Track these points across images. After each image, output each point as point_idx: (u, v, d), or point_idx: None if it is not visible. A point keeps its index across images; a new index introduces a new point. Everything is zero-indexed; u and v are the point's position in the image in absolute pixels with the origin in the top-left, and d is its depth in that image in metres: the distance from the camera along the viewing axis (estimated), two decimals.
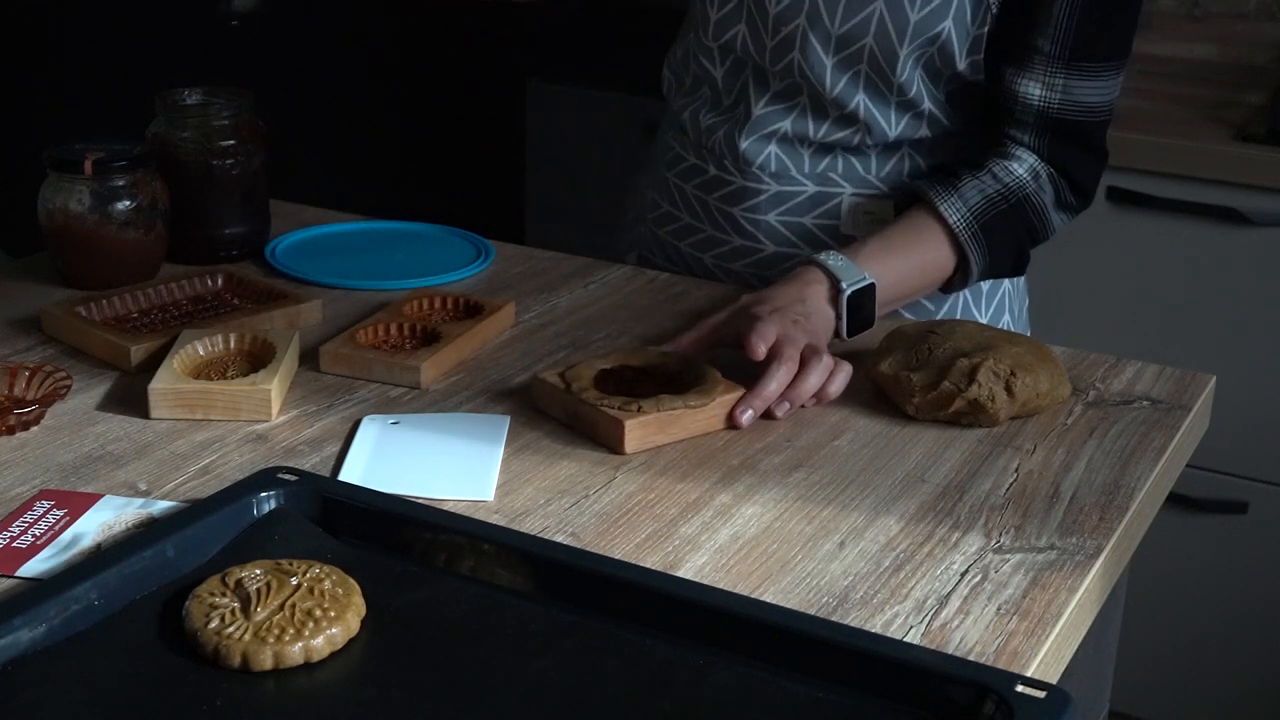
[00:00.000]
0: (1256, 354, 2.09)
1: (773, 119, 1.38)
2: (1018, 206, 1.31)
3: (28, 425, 1.09)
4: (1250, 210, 2.03)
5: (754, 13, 1.34)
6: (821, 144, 1.38)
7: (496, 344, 1.27)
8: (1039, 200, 1.32)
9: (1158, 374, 1.25)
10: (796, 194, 1.39)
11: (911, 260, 1.29)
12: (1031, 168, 1.32)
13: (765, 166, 1.39)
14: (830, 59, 1.32)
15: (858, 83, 1.33)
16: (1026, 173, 1.32)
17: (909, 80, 1.32)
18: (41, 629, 0.80)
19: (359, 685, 0.79)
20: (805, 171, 1.39)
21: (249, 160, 1.44)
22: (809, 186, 1.39)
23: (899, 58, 1.31)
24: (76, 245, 1.34)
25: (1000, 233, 1.31)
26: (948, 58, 1.32)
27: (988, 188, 1.31)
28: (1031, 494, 1.04)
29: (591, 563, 0.87)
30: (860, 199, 1.38)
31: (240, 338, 1.20)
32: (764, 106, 1.38)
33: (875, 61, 1.31)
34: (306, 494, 0.94)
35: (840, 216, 1.39)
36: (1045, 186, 1.33)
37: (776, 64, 1.35)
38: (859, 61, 1.32)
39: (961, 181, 1.31)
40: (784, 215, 1.40)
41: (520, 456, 1.07)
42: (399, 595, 0.86)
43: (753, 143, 1.39)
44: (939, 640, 0.86)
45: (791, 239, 1.40)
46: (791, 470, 1.06)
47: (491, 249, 1.48)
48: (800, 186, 1.39)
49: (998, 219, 1.31)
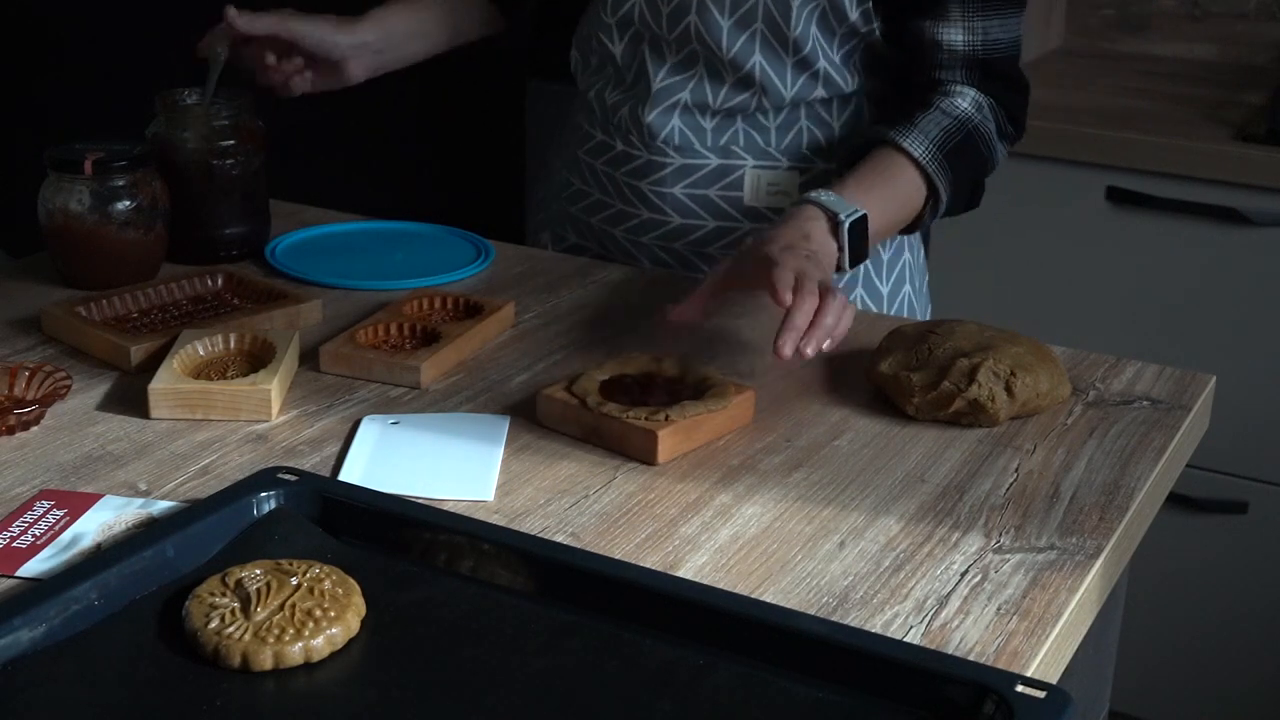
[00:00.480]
0: (1256, 354, 2.09)
1: (673, 90, 1.42)
2: (970, 136, 1.37)
3: (28, 425, 1.09)
4: (1250, 210, 2.03)
5: None
6: (722, 111, 1.42)
7: (496, 344, 1.27)
8: (986, 130, 1.38)
9: (1158, 374, 1.25)
10: (700, 167, 1.44)
11: (889, 193, 1.32)
12: (974, 100, 1.38)
13: (669, 140, 1.43)
14: (727, 20, 1.37)
15: (754, 42, 1.38)
16: (970, 105, 1.37)
17: (804, 35, 1.37)
18: (41, 629, 0.80)
19: (359, 685, 0.79)
20: (708, 145, 1.43)
21: (249, 160, 1.44)
22: (712, 159, 1.44)
23: (792, 9, 1.35)
24: (76, 245, 1.34)
25: (960, 162, 1.36)
26: (838, 8, 1.36)
27: (942, 120, 1.36)
28: (1031, 494, 1.04)
29: (591, 563, 0.87)
30: (762, 170, 1.43)
31: (240, 338, 1.20)
32: (663, 79, 1.42)
33: (770, 18, 1.36)
34: (306, 494, 0.94)
35: (743, 188, 1.43)
36: (989, 116, 1.38)
37: (673, 30, 1.39)
38: (754, 20, 1.37)
39: (916, 118, 1.35)
40: (689, 188, 1.44)
41: (520, 456, 1.07)
42: (399, 595, 0.86)
43: (656, 116, 1.43)
44: (939, 640, 0.86)
45: (697, 211, 1.45)
46: (791, 470, 1.06)
47: (491, 249, 1.48)
48: (704, 160, 1.44)
49: (956, 149, 1.35)
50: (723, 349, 1.26)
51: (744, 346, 1.27)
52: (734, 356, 1.25)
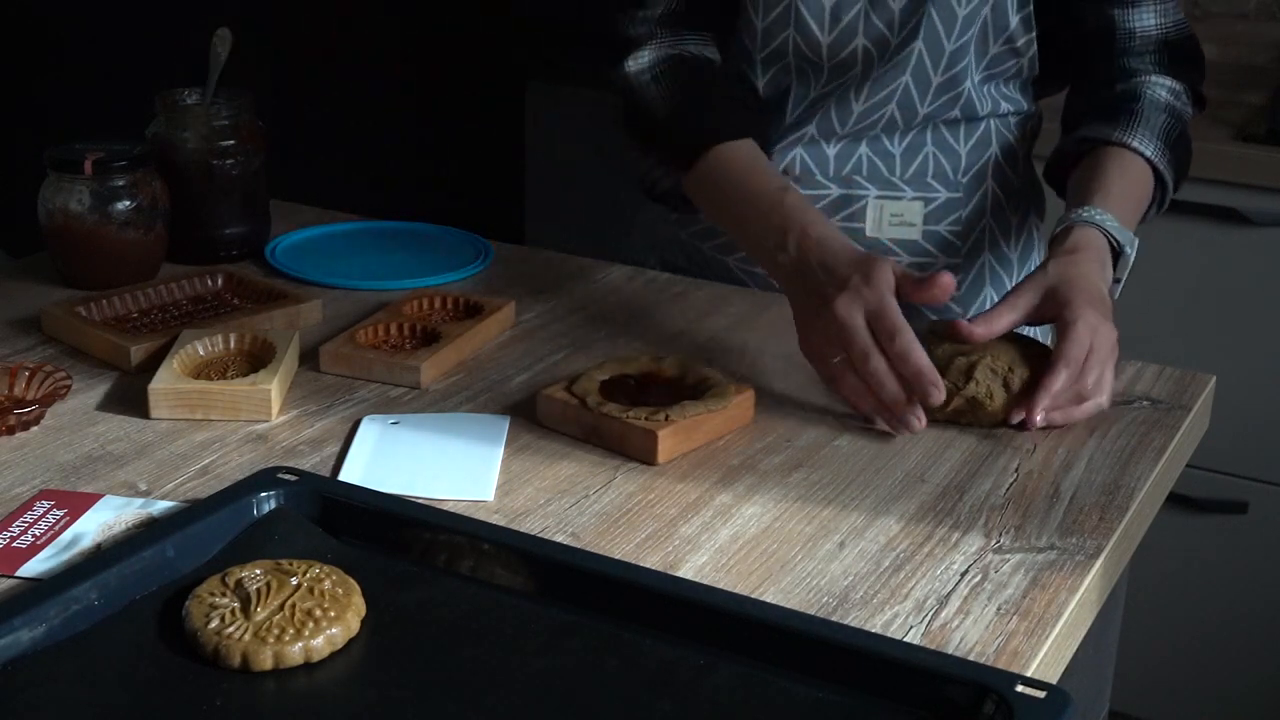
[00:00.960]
0: (1256, 354, 2.09)
1: (802, 122, 1.37)
2: (1183, 128, 1.34)
3: (28, 425, 1.09)
4: (1250, 210, 2.03)
5: (803, 12, 1.32)
6: (848, 135, 1.37)
7: (496, 344, 1.27)
8: (1187, 116, 1.36)
9: (1158, 374, 1.25)
10: (820, 197, 1.39)
11: (1139, 201, 1.30)
12: (1170, 88, 1.35)
13: (789, 170, 1.39)
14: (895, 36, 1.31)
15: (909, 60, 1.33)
16: (1169, 95, 1.35)
17: (960, 51, 1.33)
18: (41, 629, 0.80)
19: (359, 685, 0.79)
20: (830, 174, 1.39)
21: (249, 160, 1.44)
22: (833, 190, 1.39)
23: (958, 22, 1.32)
24: (76, 245, 1.34)
25: (1179, 154, 1.33)
26: (1000, 15, 1.33)
27: (1158, 114, 1.32)
28: (1031, 494, 1.04)
29: (591, 563, 0.87)
30: (885, 200, 1.38)
31: (240, 338, 1.20)
32: (799, 111, 1.37)
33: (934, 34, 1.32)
34: (306, 494, 0.94)
35: (865, 219, 1.39)
36: (1185, 103, 1.36)
37: (834, 58, 1.33)
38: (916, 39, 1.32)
39: (1135, 115, 1.32)
40: (845, 221, 1.39)
41: (520, 456, 1.07)
42: (399, 595, 0.86)
43: (779, 151, 1.38)
44: (939, 640, 0.86)
45: None
46: (791, 470, 1.06)
47: (491, 249, 1.48)
48: (824, 190, 1.39)
49: (1177, 141, 1.33)
50: (723, 349, 1.26)
51: (744, 347, 1.27)
52: (734, 357, 1.25)
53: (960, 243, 1.42)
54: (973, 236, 1.42)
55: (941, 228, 1.41)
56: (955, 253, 1.42)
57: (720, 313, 1.35)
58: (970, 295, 1.44)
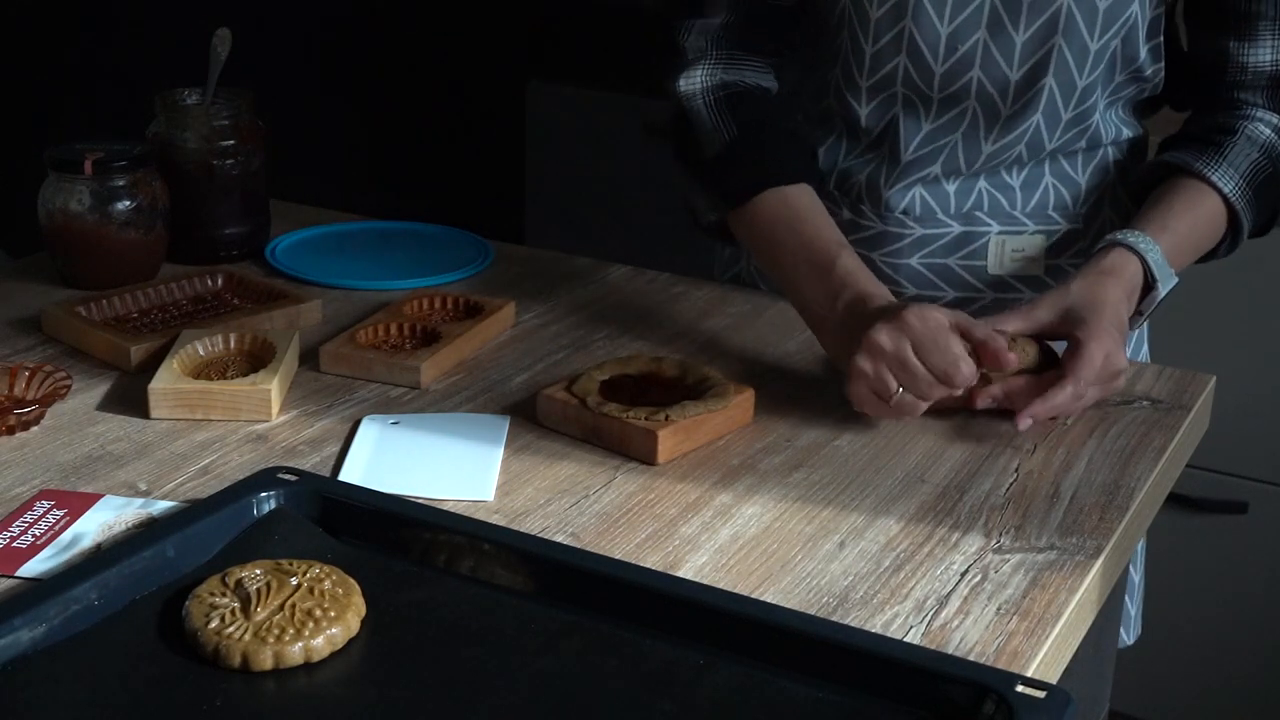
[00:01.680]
0: (1256, 354, 2.09)
1: (924, 163, 1.31)
2: (1276, 167, 1.28)
3: (28, 425, 1.09)
4: None
5: (918, 39, 1.25)
6: (967, 172, 1.31)
7: (496, 344, 1.27)
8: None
9: (1158, 374, 1.25)
10: (941, 236, 1.33)
11: (1198, 237, 1.26)
12: (1276, 126, 1.29)
13: (910, 211, 1.32)
14: (1015, 72, 1.25)
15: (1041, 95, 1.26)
16: (1272, 132, 1.29)
17: (1092, 84, 1.27)
18: (41, 629, 0.80)
19: (359, 685, 0.79)
20: (950, 212, 1.32)
21: (249, 160, 1.44)
22: (954, 227, 1.32)
23: (1090, 54, 1.25)
24: (76, 245, 1.34)
25: (1266, 195, 1.28)
26: (1132, 51, 1.27)
27: (1250, 151, 1.27)
28: (1031, 494, 1.04)
29: (591, 563, 0.87)
30: (1007, 236, 1.33)
31: (240, 338, 1.20)
32: (916, 150, 1.30)
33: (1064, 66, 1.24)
34: (306, 494, 0.94)
35: (987, 256, 1.33)
36: None
37: (945, 89, 1.26)
38: (1045, 71, 1.25)
39: (1224, 148, 1.27)
40: (926, 258, 1.33)
41: (520, 456, 1.07)
42: (399, 595, 0.86)
43: (897, 191, 1.32)
44: (939, 640, 0.86)
45: (935, 281, 1.34)
46: (791, 470, 1.06)
47: (491, 249, 1.48)
48: (945, 228, 1.33)
49: (1263, 184, 1.27)
50: (723, 349, 1.26)
51: (744, 347, 1.27)
52: (734, 357, 1.25)
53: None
54: None
55: (1063, 260, 1.34)
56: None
57: (720, 313, 1.35)
58: None
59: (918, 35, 1.24)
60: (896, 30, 1.25)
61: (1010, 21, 1.23)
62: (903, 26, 1.24)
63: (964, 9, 1.23)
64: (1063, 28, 1.23)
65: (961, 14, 1.23)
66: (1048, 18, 1.22)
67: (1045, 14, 1.22)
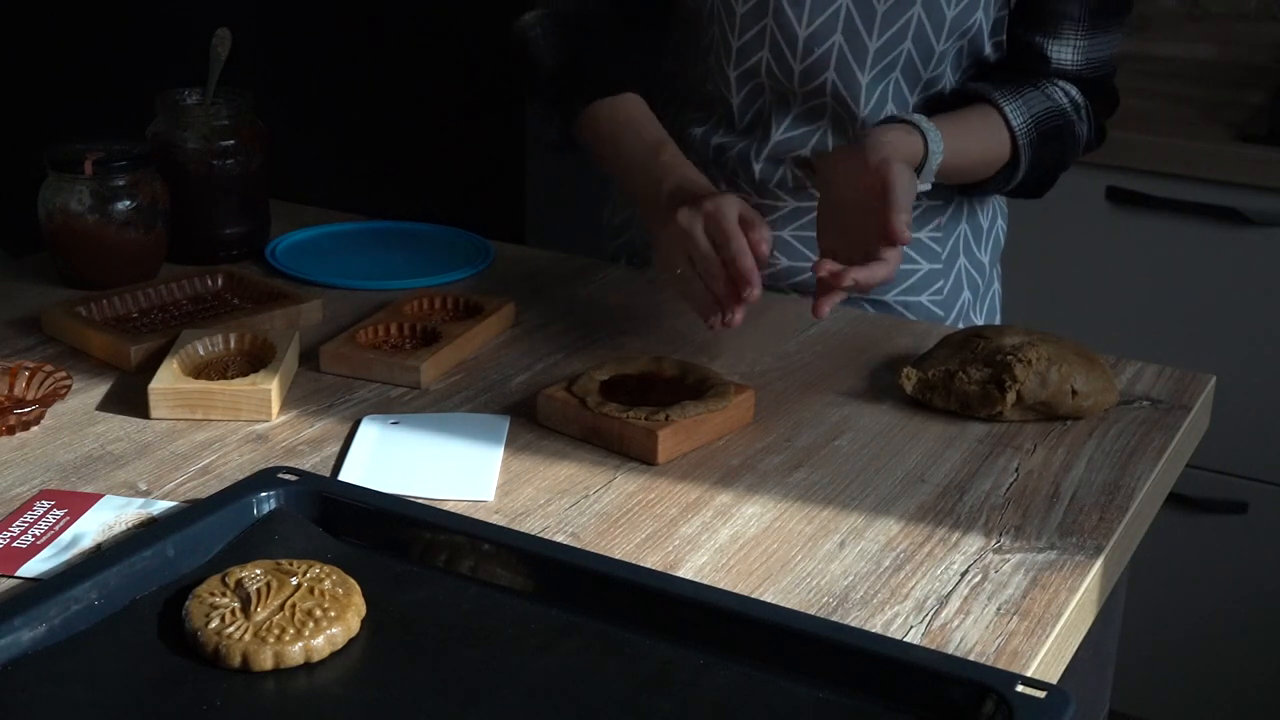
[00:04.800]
0: (1256, 354, 2.09)
1: (793, 143, 1.38)
2: (1064, 127, 1.37)
3: (28, 425, 1.09)
4: (1250, 210, 2.03)
5: (778, 37, 1.34)
6: None
7: (496, 344, 1.27)
8: (1078, 129, 1.38)
9: (1158, 374, 1.25)
10: (813, 209, 1.36)
11: (975, 145, 1.32)
12: (1074, 100, 1.38)
13: (783, 184, 1.40)
14: (866, 75, 1.34)
15: (889, 91, 1.36)
16: (1068, 101, 1.37)
17: (938, 75, 1.36)
18: (41, 629, 0.80)
19: (359, 685, 0.79)
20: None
21: (249, 160, 1.44)
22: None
23: (934, 54, 1.34)
24: (76, 245, 1.34)
25: (1048, 147, 1.36)
26: (977, 48, 1.36)
27: (1045, 102, 1.36)
28: (1031, 494, 1.04)
29: (591, 563, 0.87)
30: None
31: (240, 338, 1.20)
32: (784, 131, 1.38)
33: (911, 65, 1.34)
34: (306, 494, 0.94)
35: None
36: (1083, 119, 1.39)
37: (805, 85, 1.36)
38: (894, 70, 1.35)
39: (1023, 91, 1.35)
40: (799, 230, 1.41)
41: (520, 456, 1.07)
42: (399, 595, 0.86)
43: (767, 164, 1.39)
44: (939, 640, 0.86)
45: (805, 254, 1.41)
46: (791, 470, 1.06)
47: (491, 249, 1.48)
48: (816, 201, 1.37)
49: (1049, 133, 1.35)
50: (723, 349, 1.26)
51: (744, 347, 1.27)
52: (734, 357, 1.25)
53: (940, 249, 1.45)
54: (950, 242, 1.45)
55: (924, 234, 1.43)
56: (936, 259, 1.44)
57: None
58: (951, 299, 1.46)
59: (778, 34, 1.34)
60: (759, 27, 1.34)
61: (865, 29, 1.33)
62: (765, 24, 1.34)
63: (821, 13, 1.32)
64: (912, 34, 1.33)
65: (819, 18, 1.32)
66: (898, 27, 1.32)
67: (896, 24, 1.32)
